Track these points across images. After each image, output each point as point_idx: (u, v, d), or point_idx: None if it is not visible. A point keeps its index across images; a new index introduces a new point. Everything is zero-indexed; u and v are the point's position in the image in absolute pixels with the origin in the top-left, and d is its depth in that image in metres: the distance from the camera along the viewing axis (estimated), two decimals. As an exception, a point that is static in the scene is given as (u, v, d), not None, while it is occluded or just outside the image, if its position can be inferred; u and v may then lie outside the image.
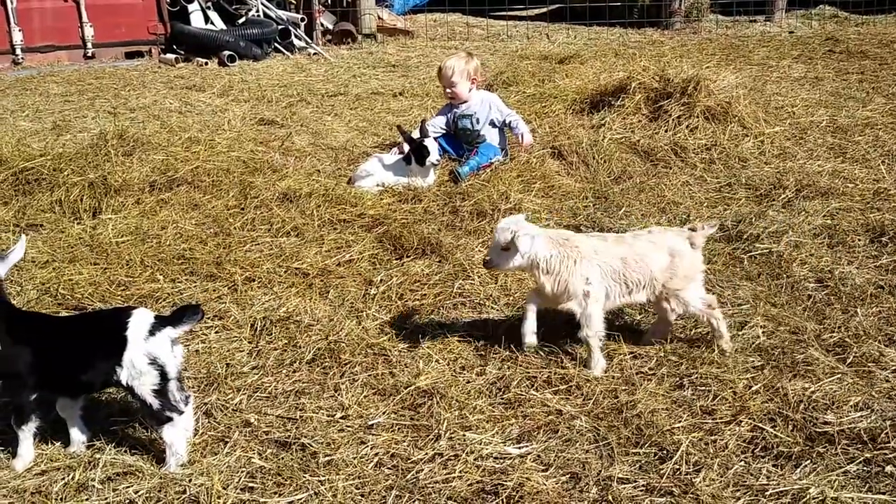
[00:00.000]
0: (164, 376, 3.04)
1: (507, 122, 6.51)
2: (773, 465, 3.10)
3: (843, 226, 5.16)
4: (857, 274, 4.59)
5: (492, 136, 6.54)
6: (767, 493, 2.94)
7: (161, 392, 3.05)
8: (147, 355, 3.01)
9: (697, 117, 6.87)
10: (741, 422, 3.33)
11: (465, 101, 6.56)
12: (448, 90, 6.57)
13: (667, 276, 3.80)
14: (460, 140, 6.68)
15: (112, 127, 6.68)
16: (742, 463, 3.11)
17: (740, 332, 4.02)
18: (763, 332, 4.01)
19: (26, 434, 3.15)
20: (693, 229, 3.89)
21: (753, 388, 3.55)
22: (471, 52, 6.85)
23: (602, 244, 3.85)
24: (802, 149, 6.79)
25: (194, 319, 3.14)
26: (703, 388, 3.59)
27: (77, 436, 3.24)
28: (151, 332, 3.03)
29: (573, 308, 3.78)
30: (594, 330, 3.76)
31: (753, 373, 3.68)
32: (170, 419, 3.07)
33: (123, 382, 3.04)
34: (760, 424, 3.31)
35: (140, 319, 3.06)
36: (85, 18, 11.15)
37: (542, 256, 3.75)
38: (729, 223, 5.29)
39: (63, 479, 3.05)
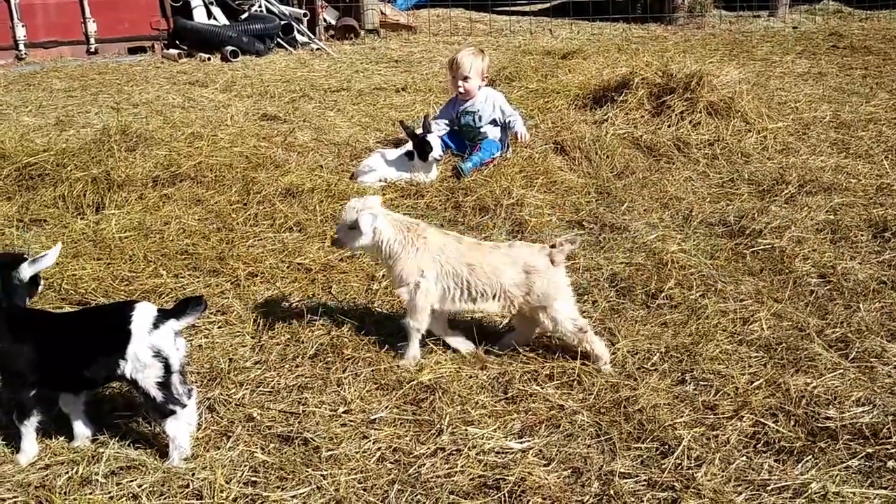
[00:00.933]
0: (167, 369, 3.05)
1: (507, 121, 6.49)
2: (775, 461, 3.10)
3: (845, 221, 5.15)
4: (860, 269, 4.59)
5: (493, 132, 6.53)
6: (769, 488, 2.94)
7: (164, 385, 3.06)
8: (151, 348, 3.02)
9: (700, 113, 6.87)
10: (743, 417, 3.34)
11: (472, 98, 6.55)
12: (461, 84, 6.53)
13: (523, 291, 3.75)
14: (462, 136, 6.68)
15: (115, 122, 6.69)
16: (744, 458, 3.12)
17: (743, 328, 4.03)
18: (765, 328, 4.01)
19: (29, 429, 3.16)
20: (553, 246, 3.80)
21: (755, 384, 3.55)
22: (482, 49, 6.82)
23: (453, 245, 3.83)
24: (805, 144, 6.78)
25: (197, 311, 3.15)
26: (705, 383, 3.59)
27: (81, 430, 3.25)
28: (155, 325, 3.04)
29: (402, 294, 3.82)
30: (417, 321, 3.80)
31: (755, 368, 3.69)
32: (173, 412, 3.08)
33: (127, 376, 3.05)
34: (762, 419, 3.31)
35: (143, 312, 3.07)
36: (88, 14, 11.15)
37: (386, 239, 3.79)
38: (731, 219, 5.30)
39: (67, 473, 3.06)
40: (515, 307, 3.81)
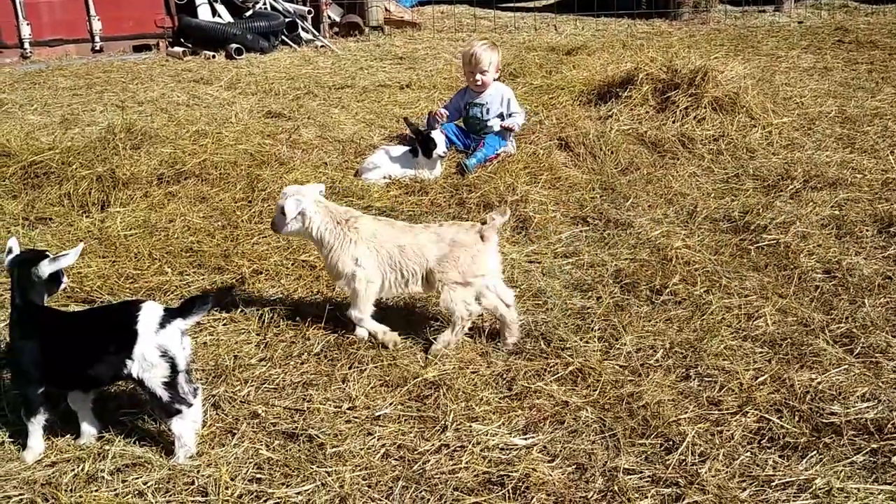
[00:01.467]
0: (173, 368, 3.06)
1: (510, 114, 6.49)
2: (780, 456, 3.10)
3: (850, 216, 5.14)
4: (865, 264, 4.58)
5: (499, 127, 6.53)
6: (773, 483, 2.94)
7: (170, 384, 3.07)
8: (158, 348, 3.03)
9: (705, 108, 6.86)
10: (747, 413, 3.34)
11: (485, 90, 6.57)
12: (478, 77, 6.55)
13: (444, 265, 3.83)
14: (469, 128, 6.68)
15: (120, 120, 6.71)
16: (748, 454, 3.12)
17: (747, 324, 4.03)
18: (770, 323, 4.01)
19: (35, 426, 3.17)
20: (484, 222, 3.85)
21: (760, 379, 3.55)
22: (494, 42, 6.82)
23: (385, 229, 3.92)
24: (811, 139, 6.76)
25: (204, 309, 3.16)
26: (710, 379, 3.59)
27: (88, 428, 3.26)
28: (161, 325, 3.05)
29: (342, 287, 3.91)
30: (359, 311, 3.88)
31: (760, 364, 3.69)
32: (179, 411, 3.08)
33: (134, 375, 3.06)
34: (767, 415, 3.31)
35: (150, 312, 3.08)
36: (93, 12, 11.17)
37: (316, 226, 3.86)
38: (736, 214, 5.28)
39: (73, 470, 3.07)
40: (430, 283, 3.90)
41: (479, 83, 6.55)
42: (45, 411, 3.18)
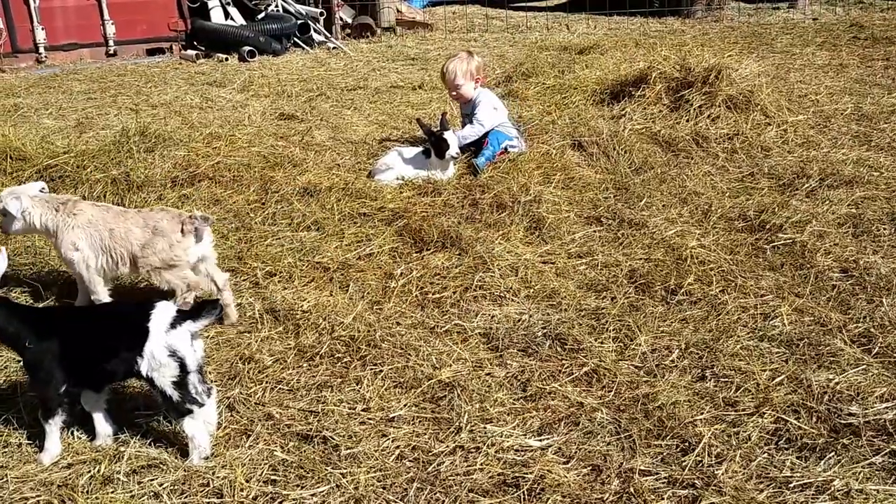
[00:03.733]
0: (183, 368, 3.07)
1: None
2: (797, 458, 3.07)
3: (867, 215, 5.10)
4: (883, 263, 4.53)
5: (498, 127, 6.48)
6: (791, 485, 2.92)
7: (181, 384, 3.07)
8: (167, 347, 3.04)
9: (719, 106, 6.82)
10: (764, 413, 3.31)
11: (470, 101, 6.56)
12: (453, 93, 6.59)
13: (144, 251, 3.98)
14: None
15: (134, 123, 6.74)
16: (765, 455, 3.09)
17: (764, 323, 4.00)
18: (787, 323, 3.98)
19: (53, 428, 3.18)
20: (191, 217, 4.03)
21: (777, 380, 3.52)
22: (470, 51, 6.78)
23: (100, 215, 4.07)
24: (826, 137, 6.71)
25: (213, 314, 3.16)
26: (726, 379, 3.56)
27: (102, 430, 3.27)
28: (172, 325, 3.06)
29: (69, 268, 4.12)
30: (93, 291, 4.09)
31: (777, 364, 3.66)
32: (190, 411, 3.09)
33: (144, 373, 3.07)
34: (784, 416, 3.29)
35: (162, 312, 3.09)
36: (107, 16, 11.24)
37: (37, 219, 4.05)
38: (751, 213, 5.25)
39: (89, 472, 3.08)
40: (139, 268, 4.07)
41: (456, 97, 6.61)
42: (62, 413, 3.19)
